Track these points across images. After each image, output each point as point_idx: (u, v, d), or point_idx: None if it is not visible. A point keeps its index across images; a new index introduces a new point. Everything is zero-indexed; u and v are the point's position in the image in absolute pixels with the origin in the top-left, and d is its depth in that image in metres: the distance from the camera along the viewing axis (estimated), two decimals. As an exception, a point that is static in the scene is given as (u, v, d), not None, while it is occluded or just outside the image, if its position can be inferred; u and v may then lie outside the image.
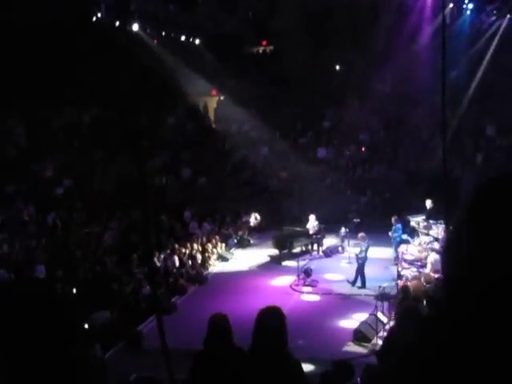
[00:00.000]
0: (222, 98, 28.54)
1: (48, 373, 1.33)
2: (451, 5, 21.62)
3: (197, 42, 26.53)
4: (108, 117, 23.80)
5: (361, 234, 14.94)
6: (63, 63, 20.44)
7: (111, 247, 16.69)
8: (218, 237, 18.98)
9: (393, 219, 16.47)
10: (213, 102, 28.85)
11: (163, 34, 24.82)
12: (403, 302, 9.62)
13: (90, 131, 24.32)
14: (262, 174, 24.30)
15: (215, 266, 17.55)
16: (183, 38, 25.89)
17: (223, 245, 18.88)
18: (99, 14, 21.84)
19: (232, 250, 19.18)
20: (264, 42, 28.44)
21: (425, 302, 9.69)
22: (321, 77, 25.66)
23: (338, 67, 27.82)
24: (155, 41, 24.60)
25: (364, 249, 14.44)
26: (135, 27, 22.03)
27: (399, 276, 13.19)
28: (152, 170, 22.35)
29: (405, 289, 10.74)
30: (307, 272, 15.34)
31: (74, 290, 12.28)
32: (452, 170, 19.07)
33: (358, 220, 19.41)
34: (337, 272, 15.98)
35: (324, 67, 26.39)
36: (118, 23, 21.08)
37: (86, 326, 9.25)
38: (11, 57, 19.15)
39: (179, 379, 6.87)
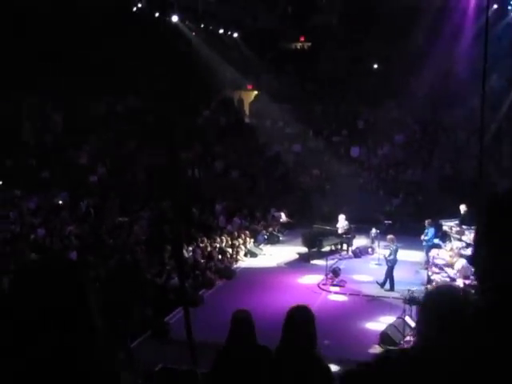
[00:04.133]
0: (257, 92, 28.63)
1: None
2: (495, 5, 21.08)
3: (235, 35, 26.59)
4: (144, 107, 24.20)
5: (389, 236, 14.83)
6: (103, 52, 20.67)
7: (142, 238, 16.90)
8: (247, 232, 19.02)
9: (426, 222, 16.28)
10: (248, 96, 28.92)
11: (202, 26, 24.89)
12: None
13: (126, 120, 24.63)
14: (294, 171, 24.34)
15: (244, 261, 17.55)
16: (221, 31, 25.92)
17: (252, 240, 18.90)
18: (139, 5, 22.12)
19: (261, 246, 19.18)
20: (302, 38, 28.37)
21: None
22: (358, 75, 25.54)
23: (375, 66, 27.61)
24: (193, 33, 24.83)
25: (393, 251, 14.33)
26: (174, 18, 22.03)
27: (429, 280, 13.04)
28: (185, 161, 22.63)
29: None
30: (335, 271, 15.29)
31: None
32: (488, 176, 18.78)
33: (390, 222, 19.32)
34: (365, 273, 15.82)
35: (361, 65, 26.29)
36: (157, 14, 21.27)
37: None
38: (52, 43, 19.38)
39: (203, 372, 6.98)
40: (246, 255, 17.97)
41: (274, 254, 18.46)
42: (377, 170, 24.20)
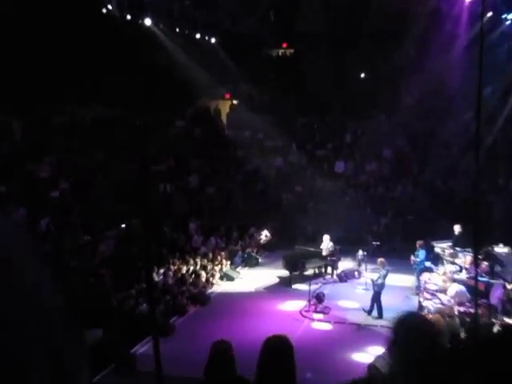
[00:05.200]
0: (235, 102, 28.68)
1: None
2: (490, 13, 21.26)
3: (212, 40, 26.50)
4: (111, 116, 24.03)
5: (380, 259, 14.73)
6: (67, 57, 20.31)
7: (108, 258, 16.69)
8: (223, 253, 18.98)
9: (417, 244, 16.29)
10: (225, 106, 29.04)
11: (177, 30, 24.73)
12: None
13: (91, 131, 24.40)
14: (275, 187, 24.44)
15: (219, 286, 17.46)
16: (198, 35, 25.82)
17: (229, 262, 18.87)
18: (110, 6, 21.88)
19: (238, 269, 19.20)
20: (284, 45, 28.54)
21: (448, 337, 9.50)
22: (344, 85, 25.85)
23: (362, 75, 27.93)
24: (168, 37, 24.53)
25: (382, 275, 14.21)
26: (147, 22, 21.93)
27: (420, 307, 13.01)
28: (156, 175, 22.66)
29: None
30: (319, 297, 15.17)
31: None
32: (483, 194, 18.87)
33: (378, 243, 19.24)
34: (352, 299, 15.78)
35: (348, 74, 26.61)
36: (129, 17, 21.16)
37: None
38: (11, 49, 18.94)
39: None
40: (221, 279, 17.89)
41: (253, 278, 18.44)
42: (364, 187, 24.36)
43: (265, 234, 21.79)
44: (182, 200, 23.06)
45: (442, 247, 16.08)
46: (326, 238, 18.45)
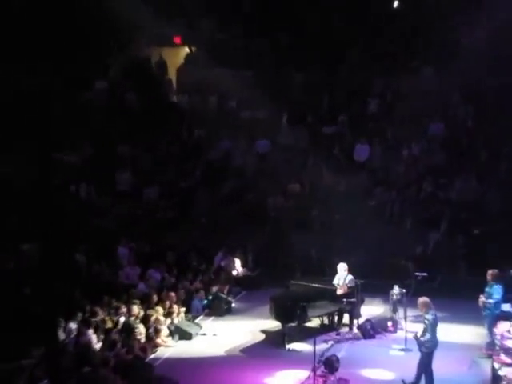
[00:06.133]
0: (189, 50, 28.85)
1: None
2: None
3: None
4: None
5: (422, 300, 14.43)
6: None
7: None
8: (174, 294, 18.84)
9: (488, 275, 16.13)
10: (175, 56, 29.05)
11: None
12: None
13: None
14: (256, 186, 24.53)
15: (169, 347, 17.17)
16: None
17: (183, 309, 18.77)
18: None
19: (199, 320, 19.17)
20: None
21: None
22: (367, 18, 26.04)
23: (396, 3, 27.91)
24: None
25: (430, 325, 13.97)
26: None
27: (495, 378, 12.95)
28: (66, 171, 23.04)
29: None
30: (331, 364, 14.67)
31: None
32: None
33: (424, 274, 18.91)
34: (383, 366, 15.52)
35: (374, 1, 26.84)
36: None
37: None
38: None
39: None
40: (171, 336, 17.61)
41: (223, 334, 18.25)
42: (401, 184, 24.30)
43: (240, 262, 21.79)
44: (106, 210, 23.18)
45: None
46: (342, 267, 18.34)
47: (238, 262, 21.80)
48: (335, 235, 21.08)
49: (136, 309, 17.39)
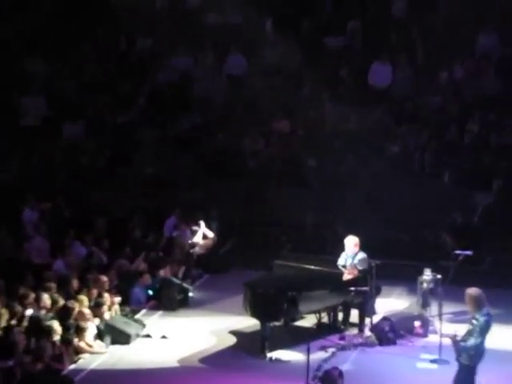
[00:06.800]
0: None
1: None
2: None
3: None
4: None
5: (473, 292, 13.99)
6: None
7: None
8: (105, 278, 18.81)
9: None
10: None
11: None
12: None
13: None
14: (227, 124, 24.52)
15: (96, 355, 16.97)
16: None
17: (119, 299, 18.86)
18: None
19: (141, 315, 19.21)
20: None
21: None
22: None
23: None
24: None
25: (479, 328, 13.59)
26: None
27: None
28: None
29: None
30: (331, 381, 14.35)
31: None
32: None
33: (468, 252, 18.73)
34: (406, 382, 15.68)
35: None
36: None
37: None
38: None
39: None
40: (100, 337, 17.49)
41: (175, 336, 18.26)
42: (436, 123, 24.20)
43: (202, 233, 21.59)
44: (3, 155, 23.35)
45: None
46: (350, 242, 18.28)
47: (198, 233, 21.59)
48: (340, 196, 21.11)
49: (48, 298, 17.08)
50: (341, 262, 18.02)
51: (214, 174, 23.23)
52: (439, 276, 17.69)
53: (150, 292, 19.82)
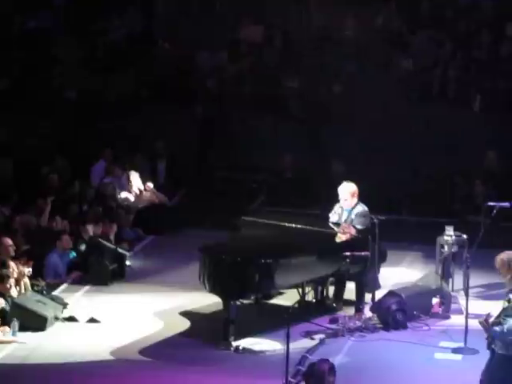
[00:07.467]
0: None
1: None
2: None
3: None
4: None
5: (502, 257, 14.40)
6: None
7: None
8: (10, 242, 19.39)
9: None
10: None
11: None
12: None
13: None
14: (175, 29, 24.96)
15: (0, 345, 17.25)
16: None
17: (29, 270, 19.12)
18: None
19: (60, 291, 19.70)
20: None
21: None
22: None
23: None
24: None
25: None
26: None
27: None
28: None
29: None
30: (318, 377, 14.78)
31: None
32: None
33: (506, 204, 19.05)
34: (420, 381, 15.94)
35: None
36: None
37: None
38: None
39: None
40: (4, 321, 17.81)
41: (107, 319, 18.66)
42: (462, 31, 24.41)
43: (143, 179, 21.73)
44: None
45: None
46: (346, 190, 18.78)
47: (136, 178, 21.77)
48: (331, 128, 21.29)
49: None
50: (333, 218, 18.09)
51: (158, 98, 23.41)
52: (465, 236, 17.90)
53: (73, 259, 19.81)
